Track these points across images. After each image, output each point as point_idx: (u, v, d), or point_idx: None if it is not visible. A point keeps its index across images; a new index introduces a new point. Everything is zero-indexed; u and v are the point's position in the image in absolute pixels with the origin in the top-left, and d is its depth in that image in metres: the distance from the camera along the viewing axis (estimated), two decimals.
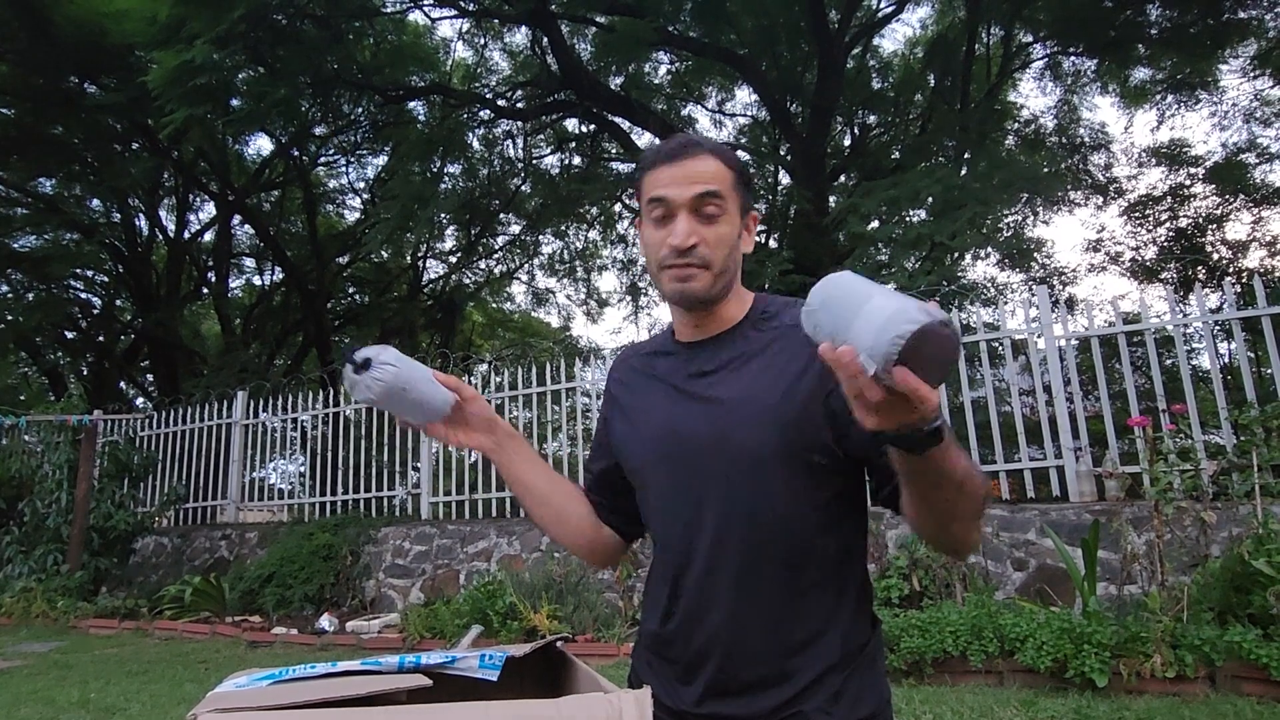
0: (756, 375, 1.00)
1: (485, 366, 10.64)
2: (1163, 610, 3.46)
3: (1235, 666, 3.26)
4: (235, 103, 10.05)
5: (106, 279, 15.94)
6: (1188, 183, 13.42)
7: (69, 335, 16.28)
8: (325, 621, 5.85)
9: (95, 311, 16.26)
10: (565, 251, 17.60)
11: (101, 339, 16.47)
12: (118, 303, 16.56)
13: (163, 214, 15.83)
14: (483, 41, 13.67)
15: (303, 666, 0.87)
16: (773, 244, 12.69)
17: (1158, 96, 13.09)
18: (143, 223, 15.42)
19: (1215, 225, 13.13)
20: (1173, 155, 13.50)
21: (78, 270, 15.21)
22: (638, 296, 16.14)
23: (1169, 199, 13.46)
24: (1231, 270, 12.30)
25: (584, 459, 1.23)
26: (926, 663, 3.69)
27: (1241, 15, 10.25)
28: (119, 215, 14.79)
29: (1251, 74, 11.91)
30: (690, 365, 1.07)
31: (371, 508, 7.71)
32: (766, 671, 0.97)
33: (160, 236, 15.84)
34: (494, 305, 20.27)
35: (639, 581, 5.11)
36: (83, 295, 15.97)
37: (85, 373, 17.24)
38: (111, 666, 5.03)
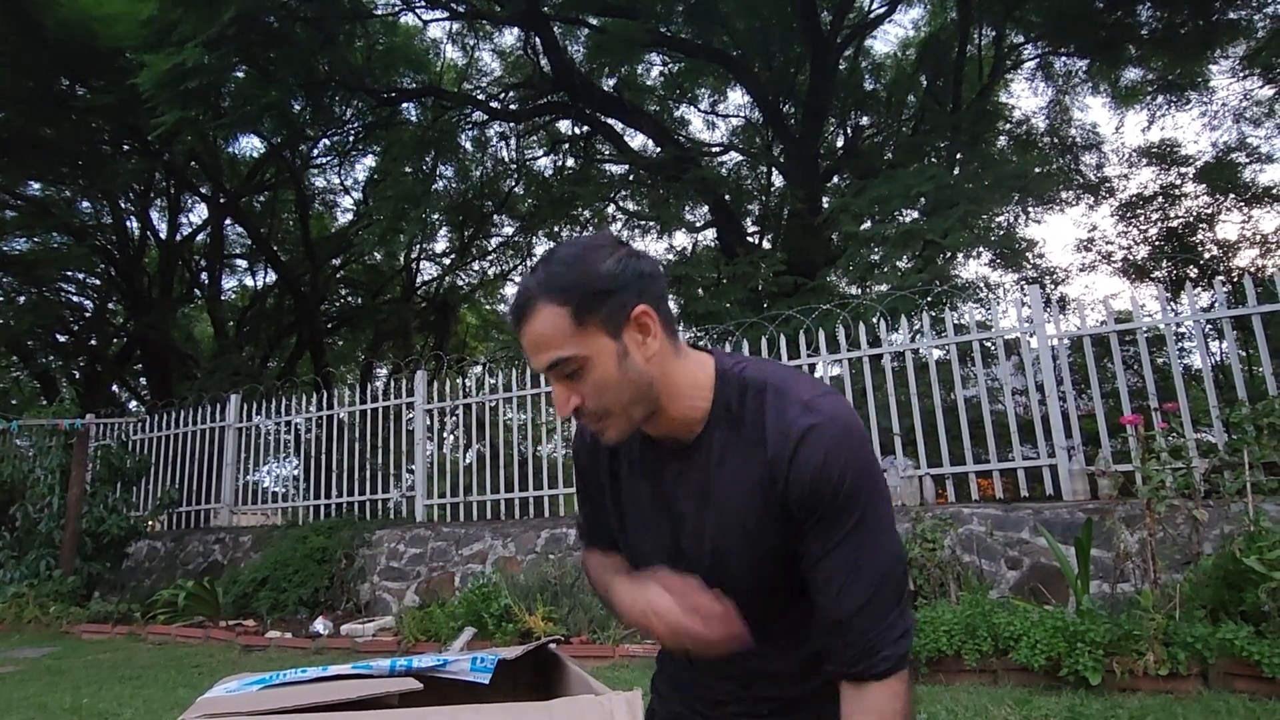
0: (736, 499, 0.97)
1: (479, 369, 10.62)
2: (1156, 608, 3.47)
3: (1228, 664, 3.28)
4: (227, 104, 10.02)
5: (98, 282, 15.87)
6: (1179, 182, 13.48)
7: (61, 338, 16.21)
8: (320, 625, 5.83)
9: (87, 314, 16.19)
10: None
11: (93, 342, 16.41)
12: (110, 305, 16.50)
13: (154, 216, 15.78)
14: (473, 43, 13.68)
15: (294, 671, 0.86)
16: (766, 245, 12.73)
17: (1148, 97, 13.19)
18: (134, 225, 15.36)
19: (1206, 224, 13.19)
20: (1163, 155, 13.57)
21: (69, 273, 15.16)
22: None
23: (1160, 198, 13.52)
24: (1223, 269, 12.35)
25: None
26: (921, 662, 3.70)
27: (1231, 16, 10.32)
28: (110, 218, 14.73)
29: (1241, 74, 12.00)
30: (668, 474, 1.03)
31: (366, 510, 7.68)
32: (785, 689, 1.05)
33: (152, 239, 15.77)
34: (488, 307, 20.26)
35: None
36: (74, 298, 15.92)
37: (77, 376, 17.16)
38: (104, 672, 5.00)
